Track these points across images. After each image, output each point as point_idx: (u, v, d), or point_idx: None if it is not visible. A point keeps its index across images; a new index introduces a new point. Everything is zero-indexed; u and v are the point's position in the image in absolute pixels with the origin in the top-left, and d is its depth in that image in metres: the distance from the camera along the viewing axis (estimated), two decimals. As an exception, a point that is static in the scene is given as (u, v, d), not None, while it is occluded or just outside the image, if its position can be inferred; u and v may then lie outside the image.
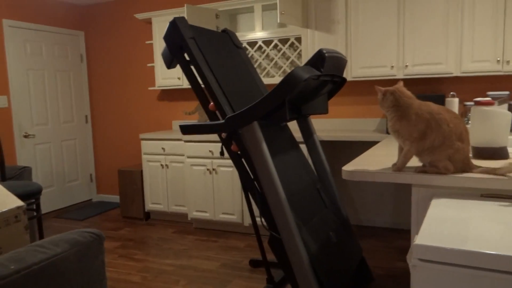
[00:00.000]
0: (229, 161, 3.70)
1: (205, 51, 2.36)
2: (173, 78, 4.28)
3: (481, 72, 3.15)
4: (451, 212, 1.35)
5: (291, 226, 2.03)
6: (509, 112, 1.95)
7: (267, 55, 4.09)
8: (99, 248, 1.55)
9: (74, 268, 1.43)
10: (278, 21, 3.29)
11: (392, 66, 3.39)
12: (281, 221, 2.05)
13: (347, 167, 1.81)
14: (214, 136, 3.73)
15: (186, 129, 2.21)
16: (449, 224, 1.23)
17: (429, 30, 3.25)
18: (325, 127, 4.02)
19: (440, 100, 3.20)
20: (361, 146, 3.87)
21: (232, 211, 3.73)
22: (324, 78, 2.23)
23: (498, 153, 1.92)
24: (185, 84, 4.23)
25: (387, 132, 3.38)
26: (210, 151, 3.76)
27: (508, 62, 3.07)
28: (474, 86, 3.48)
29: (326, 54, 2.12)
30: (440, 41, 3.23)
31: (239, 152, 2.26)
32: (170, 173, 4.10)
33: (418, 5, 3.26)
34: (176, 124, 4.73)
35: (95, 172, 5.33)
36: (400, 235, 3.64)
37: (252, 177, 2.23)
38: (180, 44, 2.24)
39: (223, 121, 2.12)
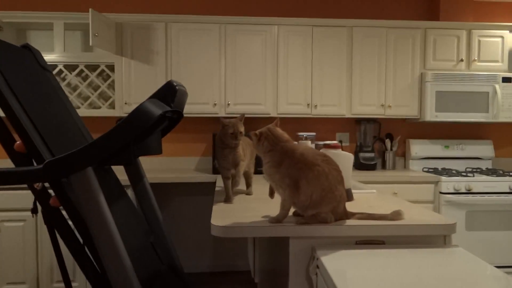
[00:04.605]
0: (18, 214, 2.85)
1: (3, 69, 1.72)
2: None
3: (295, 114, 3.37)
4: (354, 264, 1.24)
5: (140, 301, 1.58)
6: (351, 155, 2.05)
7: (69, 83, 3.44)
8: None
9: None
10: (91, 44, 2.79)
11: (215, 104, 3.30)
12: (126, 296, 1.57)
13: (217, 222, 1.52)
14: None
15: (-23, 179, 1.51)
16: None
17: (249, 72, 3.31)
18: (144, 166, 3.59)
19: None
20: (187, 187, 3.60)
21: (23, 278, 2.86)
22: (168, 114, 1.91)
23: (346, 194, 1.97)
24: None
25: (214, 172, 3.22)
26: (-11, 201, 2.83)
27: (315, 106, 3.38)
28: (288, 127, 3.71)
29: (177, 87, 1.82)
30: (259, 84, 3.32)
31: (60, 208, 1.68)
32: None
33: (238, 47, 3.30)
34: None
35: None
36: (223, 279, 3.48)
37: (81, 242, 1.68)
38: (-33, 57, 1.56)
39: (40, 166, 1.53)
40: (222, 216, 1.64)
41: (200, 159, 3.65)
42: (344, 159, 1.98)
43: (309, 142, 2.13)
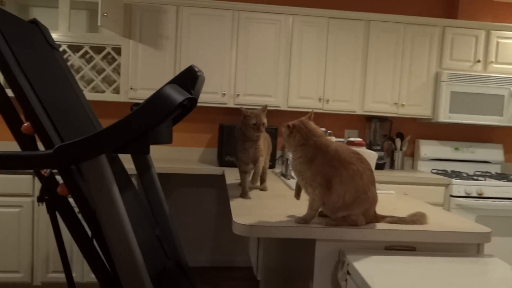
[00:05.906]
0: (15, 199, 2.72)
1: (13, 44, 1.59)
2: None
3: (305, 108, 3.27)
4: (386, 269, 1.15)
5: (152, 300, 1.48)
6: (375, 153, 1.96)
7: (72, 65, 3.29)
8: None
9: None
10: (99, 24, 2.65)
11: (224, 94, 3.18)
12: (137, 294, 1.47)
13: (241, 220, 1.42)
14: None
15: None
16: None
17: (261, 62, 3.19)
18: (142, 155, 3.47)
19: (274, 132, 3.14)
20: (189, 178, 3.49)
21: (17, 267, 2.73)
22: (185, 101, 1.79)
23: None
24: None
25: (221, 164, 3.11)
26: (-16, 184, 2.69)
27: (327, 101, 3.27)
28: (294, 121, 3.59)
29: (198, 73, 1.70)
30: (270, 75, 3.21)
31: (68, 197, 1.56)
32: None
33: (251, 35, 3.17)
34: None
35: None
36: (223, 274, 3.38)
37: (90, 235, 1.56)
38: (-26, 28, 1.43)
39: (50, 151, 1.41)
40: (242, 213, 1.54)
41: (204, 150, 3.53)
42: (368, 158, 1.88)
43: (333, 138, 2.03)
